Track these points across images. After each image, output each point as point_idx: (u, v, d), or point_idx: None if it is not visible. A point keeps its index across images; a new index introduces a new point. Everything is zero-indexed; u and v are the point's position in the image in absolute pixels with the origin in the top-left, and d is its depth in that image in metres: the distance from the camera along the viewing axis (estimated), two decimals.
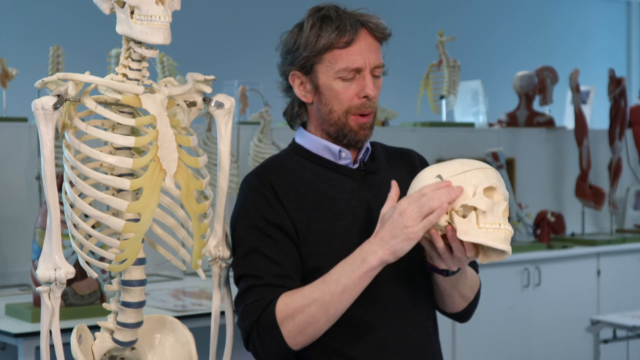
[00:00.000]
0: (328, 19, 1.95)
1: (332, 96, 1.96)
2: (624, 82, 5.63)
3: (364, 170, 2.02)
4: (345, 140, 1.98)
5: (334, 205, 1.95)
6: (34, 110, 1.62)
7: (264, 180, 1.94)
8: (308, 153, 2.01)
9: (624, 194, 6.06)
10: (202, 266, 1.83)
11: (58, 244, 1.66)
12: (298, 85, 1.99)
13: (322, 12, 1.96)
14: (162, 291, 3.81)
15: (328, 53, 1.94)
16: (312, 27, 1.95)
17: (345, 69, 1.93)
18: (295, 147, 2.05)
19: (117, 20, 1.68)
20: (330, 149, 1.99)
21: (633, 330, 4.20)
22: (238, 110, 4.67)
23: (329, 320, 1.83)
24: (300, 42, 1.96)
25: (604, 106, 5.99)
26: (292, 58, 1.97)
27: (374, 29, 1.96)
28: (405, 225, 1.76)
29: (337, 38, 1.93)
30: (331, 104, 1.96)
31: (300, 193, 1.94)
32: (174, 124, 1.74)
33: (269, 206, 1.91)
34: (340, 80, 1.94)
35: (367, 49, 1.95)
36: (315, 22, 1.95)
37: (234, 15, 7.17)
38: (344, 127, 1.96)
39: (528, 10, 8.94)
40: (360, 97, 1.95)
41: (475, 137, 5.45)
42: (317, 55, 1.95)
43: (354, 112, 1.95)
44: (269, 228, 1.90)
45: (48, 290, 1.66)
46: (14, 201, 4.07)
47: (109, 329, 1.79)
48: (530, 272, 4.95)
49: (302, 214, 1.92)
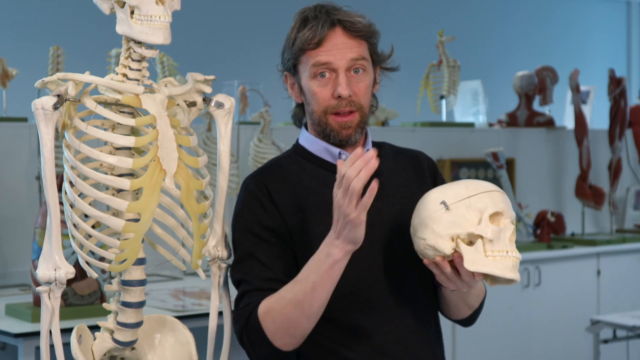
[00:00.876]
0: (306, 19, 1.97)
1: (311, 97, 1.98)
2: (624, 82, 5.63)
3: None
4: (332, 140, 1.98)
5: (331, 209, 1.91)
6: (34, 110, 1.63)
7: (261, 185, 1.95)
8: (310, 155, 2.02)
9: (624, 194, 6.05)
10: (202, 266, 1.83)
11: (58, 244, 1.66)
12: (290, 86, 2.04)
13: (305, 13, 1.99)
14: (162, 291, 3.81)
15: (303, 55, 1.96)
16: (293, 28, 1.98)
17: (315, 64, 1.93)
18: (297, 147, 2.06)
19: (117, 20, 1.68)
20: (330, 151, 1.99)
21: (633, 330, 4.20)
22: (238, 110, 4.67)
23: (309, 318, 1.83)
24: (285, 44, 1.99)
25: (604, 106, 5.99)
26: (282, 60, 2.01)
27: (348, 26, 1.95)
28: (346, 214, 1.74)
29: (308, 40, 1.94)
30: (312, 105, 1.98)
31: (297, 197, 1.94)
32: (174, 124, 1.74)
33: (264, 211, 1.92)
34: (315, 80, 1.95)
35: (340, 46, 1.94)
36: (296, 24, 1.99)
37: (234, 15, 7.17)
38: (325, 127, 1.97)
39: (528, 10, 8.94)
40: (334, 97, 1.94)
41: (475, 137, 5.45)
42: (295, 57, 1.97)
43: (331, 111, 1.95)
44: (263, 233, 1.91)
45: (48, 290, 1.66)
46: (14, 201, 4.06)
47: (109, 329, 1.79)
48: (530, 272, 4.95)
49: (298, 217, 1.92)
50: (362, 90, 1.96)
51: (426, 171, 2.11)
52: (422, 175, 2.09)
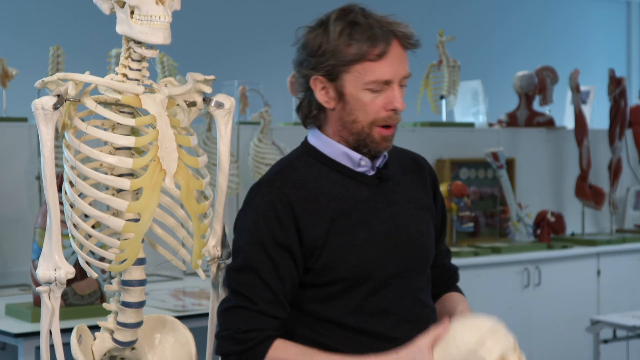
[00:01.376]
0: (357, 25, 1.88)
1: (358, 107, 1.90)
2: (624, 82, 5.63)
3: (379, 177, 1.98)
4: (366, 150, 1.93)
5: (351, 217, 1.91)
6: (34, 110, 1.63)
7: (281, 196, 1.87)
8: (324, 157, 1.96)
9: (624, 194, 6.05)
10: (201, 266, 1.83)
11: (58, 244, 1.66)
12: (320, 89, 1.93)
13: (351, 16, 1.89)
14: (162, 291, 3.81)
15: (358, 64, 1.87)
16: (341, 33, 1.87)
17: (375, 82, 1.88)
18: (309, 148, 1.98)
19: (117, 20, 1.68)
20: (350, 156, 1.94)
21: (633, 330, 4.20)
22: (238, 110, 4.66)
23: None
24: (326, 47, 1.88)
25: (604, 106, 5.99)
26: (315, 62, 1.91)
27: (403, 38, 1.90)
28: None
29: (369, 50, 1.86)
30: (356, 114, 1.90)
31: (318, 206, 1.89)
32: (174, 124, 1.74)
33: (281, 227, 1.86)
34: (368, 92, 1.89)
35: (397, 60, 1.89)
36: (344, 28, 1.88)
37: (234, 15, 7.17)
38: (366, 137, 1.91)
39: (528, 10, 8.94)
40: (387, 109, 1.90)
41: (475, 137, 5.44)
42: (346, 65, 1.88)
43: (380, 124, 1.91)
44: (274, 250, 1.85)
45: (48, 290, 1.66)
46: (14, 201, 4.06)
47: (109, 329, 1.79)
48: (530, 272, 4.95)
49: (319, 229, 1.88)
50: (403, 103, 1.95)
51: (427, 181, 2.09)
52: (423, 181, 2.08)
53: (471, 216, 4.85)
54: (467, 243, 5.12)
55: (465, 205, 4.81)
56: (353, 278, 1.89)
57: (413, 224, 1.98)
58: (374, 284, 1.91)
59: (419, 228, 2.00)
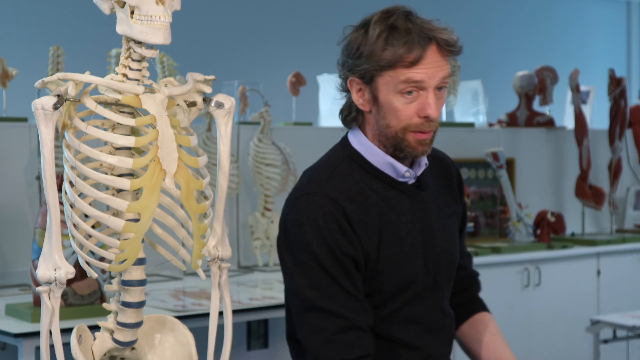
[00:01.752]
0: (396, 30, 1.86)
1: (390, 111, 1.88)
2: (624, 82, 5.63)
3: (418, 186, 1.97)
4: (403, 155, 1.92)
5: (396, 230, 1.91)
6: (34, 110, 1.62)
7: (338, 207, 1.87)
8: (368, 164, 1.95)
9: (624, 194, 6.05)
10: (202, 266, 1.83)
11: (58, 244, 1.66)
12: (356, 91, 1.92)
13: (391, 19, 1.87)
14: (162, 291, 3.81)
15: (391, 69, 1.85)
16: (379, 37, 1.86)
17: (406, 81, 1.85)
18: (352, 153, 1.97)
19: (117, 20, 1.68)
20: (395, 167, 1.94)
21: (633, 330, 4.20)
22: (238, 110, 4.67)
23: None
24: (363, 50, 1.87)
25: (604, 106, 5.99)
26: (352, 64, 1.90)
27: (442, 44, 1.87)
28: None
29: (403, 55, 1.84)
30: (389, 119, 1.89)
31: (368, 219, 1.89)
32: (174, 124, 1.74)
33: (344, 236, 1.86)
34: (400, 96, 1.87)
35: (433, 65, 1.86)
36: (382, 32, 1.86)
37: (234, 15, 7.17)
38: (401, 142, 1.90)
39: (528, 10, 8.94)
40: (420, 116, 1.88)
41: (475, 137, 5.44)
42: (380, 69, 1.86)
43: (413, 129, 1.89)
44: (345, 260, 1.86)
45: (48, 290, 1.66)
46: (14, 201, 4.07)
47: (109, 329, 1.79)
48: (530, 272, 4.95)
49: (371, 242, 1.88)
50: (441, 109, 1.92)
51: (455, 183, 2.09)
52: (452, 185, 2.09)
53: (471, 216, 4.85)
54: (467, 243, 5.11)
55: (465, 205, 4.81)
56: (394, 290, 1.91)
57: (444, 234, 2.00)
58: (409, 296, 1.93)
59: (449, 238, 2.03)
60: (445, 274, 2.00)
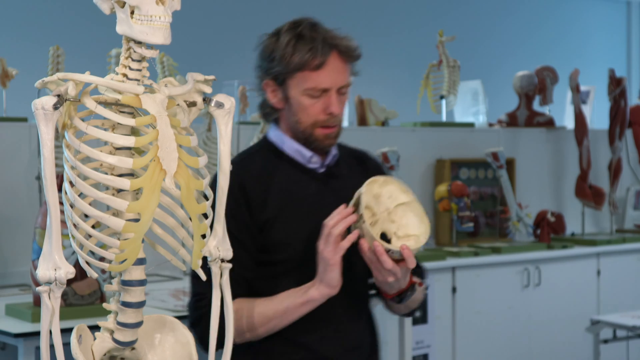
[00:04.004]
0: (302, 38, 2.12)
1: (300, 109, 2.15)
2: (624, 82, 5.63)
3: (329, 174, 2.22)
4: (312, 147, 2.17)
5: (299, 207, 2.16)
6: (34, 110, 1.62)
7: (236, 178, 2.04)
8: (280, 152, 2.21)
9: (624, 194, 6.05)
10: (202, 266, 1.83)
11: (58, 244, 1.66)
12: (270, 91, 2.19)
13: (299, 29, 2.13)
14: (162, 291, 3.81)
15: (299, 72, 2.11)
16: (288, 43, 2.12)
17: (313, 89, 2.11)
18: (268, 143, 2.24)
19: (117, 20, 1.68)
20: (302, 153, 2.19)
21: (633, 330, 4.20)
22: (238, 110, 4.67)
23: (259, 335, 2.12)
24: (275, 55, 2.14)
25: (604, 106, 5.99)
26: (266, 67, 2.16)
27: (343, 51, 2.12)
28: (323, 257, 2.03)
29: (309, 60, 2.10)
30: (299, 116, 2.15)
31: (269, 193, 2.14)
32: (174, 124, 1.74)
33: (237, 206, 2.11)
34: (307, 97, 2.13)
35: (336, 71, 2.12)
36: (290, 39, 2.12)
37: (234, 15, 7.17)
38: (309, 136, 2.16)
39: (528, 10, 8.94)
40: (325, 113, 2.13)
41: (475, 137, 5.44)
42: (290, 72, 2.12)
43: (320, 125, 2.15)
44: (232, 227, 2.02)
45: (48, 290, 1.66)
46: (14, 201, 4.06)
47: (109, 329, 1.79)
48: (530, 272, 4.95)
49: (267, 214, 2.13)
50: (343, 107, 2.19)
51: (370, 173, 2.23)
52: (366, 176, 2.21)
53: (471, 216, 4.85)
54: (467, 243, 5.12)
55: (465, 205, 4.81)
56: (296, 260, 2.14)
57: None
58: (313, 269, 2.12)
59: None
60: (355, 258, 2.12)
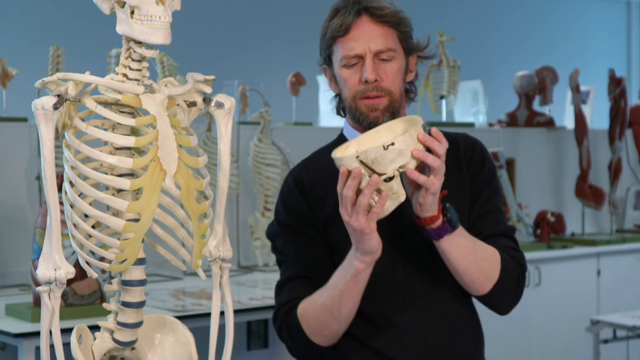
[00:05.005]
0: (337, 11, 2.00)
1: (342, 84, 2.01)
2: (624, 82, 5.63)
3: None
4: (362, 124, 2.00)
5: None
6: (34, 110, 1.62)
7: (298, 177, 2.06)
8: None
9: (624, 194, 6.05)
10: (202, 266, 1.83)
11: (58, 244, 1.66)
12: (329, 78, 2.08)
13: (337, 4, 2.01)
14: (162, 291, 3.81)
15: (334, 44, 1.99)
16: (327, 19, 2.01)
17: (346, 56, 1.97)
18: (341, 138, 2.10)
19: (117, 20, 1.68)
20: None
21: (633, 330, 4.20)
22: (238, 110, 4.67)
23: (339, 322, 1.92)
24: (321, 34, 2.03)
25: (604, 106, 5.99)
26: (320, 50, 2.05)
27: (375, 13, 1.97)
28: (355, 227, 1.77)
29: (337, 27, 1.97)
30: (344, 91, 2.02)
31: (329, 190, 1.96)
32: (174, 124, 1.74)
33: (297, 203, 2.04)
34: (345, 68, 1.99)
35: (366, 35, 1.96)
36: (329, 13, 2.01)
37: (234, 15, 7.17)
38: (355, 111, 2.00)
39: (528, 10, 8.94)
40: (361, 82, 1.97)
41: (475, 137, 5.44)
42: (328, 46, 2.01)
43: (360, 96, 1.98)
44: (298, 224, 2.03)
45: (48, 290, 1.66)
46: (14, 201, 4.06)
47: (109, 329, 1.79)
48: (530, 272, 4.95)
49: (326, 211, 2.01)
50: (391, 76, 1.98)
51: (462, 155, 2.10)
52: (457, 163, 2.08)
53: None
54: None
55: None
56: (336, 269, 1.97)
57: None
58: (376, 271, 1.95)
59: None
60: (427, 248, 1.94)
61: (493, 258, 1.97)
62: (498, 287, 1.99)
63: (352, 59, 1.97)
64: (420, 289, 1.99)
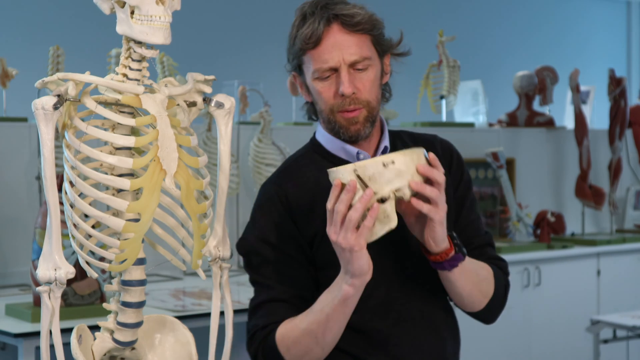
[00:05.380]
0: (305, 16, 1.89)
1: (316, 96, 1.92)
2: (624, 82, 5.63)
3: None
4: (342, 137, 1.92)
5: None
6: (34, 110, 1.62)
7: (280, 191, 1.94)
8: (327, 153, 1.98)
9: (624, 194, 6.05)
10: (202, 266, 1.83)
11: (58, 244, 1.66)
12: (300, 84, 1.97)
13: (304, 9, 1.90)
14: (162, 291, 3.81)
15: (304, 55, 1.89)
16: (293, 26, 1.91)
17: (318, 70, 1.87)
18: (314, 144, 2.01)
19: (117, 20, 1.68)
20: (347, 150, 1.94)
21: (633, 330, 4.20)
22: (238, 110, 4.67)
23: (323, 349, 1.85)
24: (289, 42, 1.92)
25: (604, 106, 6.00)
26: (288, 57, 1.95)
27: (346, 21, 1.85)
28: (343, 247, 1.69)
29: (306, 38, 1.86)
30: (318, 104, 1.92)
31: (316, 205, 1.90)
32: (174, 124, 1.74)
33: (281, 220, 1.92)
34: (318, 81, 1.89)
35: (339, 45, 1.85)
36: (295, 21, 1.91)
37: (234, 15, 7.17)
38: (334, 124, 1.91)
39: (528, 10, 8.94)
40: (338, 95, 1.87)
41: (475, 137, 5.44)
42: (298, 57, 1.91)
43: (337, 110, 1.89)
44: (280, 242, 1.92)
45: (48, 290, 1.66)
46: (14, 201, 4.07)
47: (109, 329, 1.79)
48: (530, 272, 4.95)
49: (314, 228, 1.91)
50: (367, 85, 1.88)
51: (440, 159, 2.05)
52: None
53: None
54: None
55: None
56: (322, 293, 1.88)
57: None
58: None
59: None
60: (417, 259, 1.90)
61: (489, 276, 1.98)
62: (491, 303, 2.00)
63: (325, 72, 1.87)
64: (414, 302, 1.95)
